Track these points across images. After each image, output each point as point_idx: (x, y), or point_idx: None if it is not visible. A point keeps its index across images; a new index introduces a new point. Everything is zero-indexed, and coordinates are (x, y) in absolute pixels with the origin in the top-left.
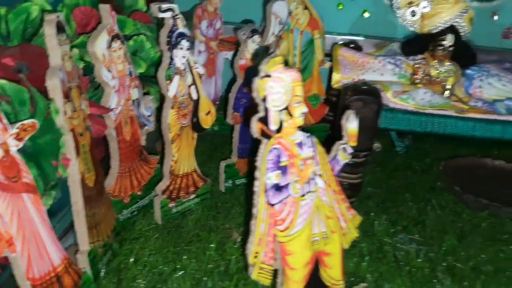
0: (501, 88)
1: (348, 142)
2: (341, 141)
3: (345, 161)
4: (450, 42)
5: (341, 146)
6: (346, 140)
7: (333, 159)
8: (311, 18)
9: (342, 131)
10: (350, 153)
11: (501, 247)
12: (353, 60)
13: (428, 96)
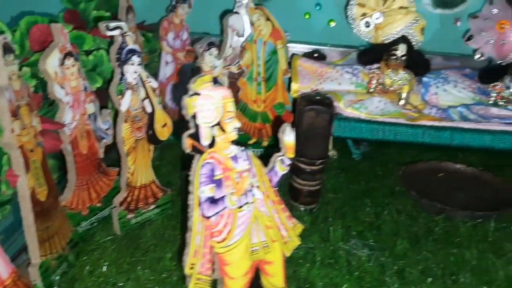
0: (456, 94)
1: (286, 154)
2: (279, 153)
3: (283, 172)
4: (402, 52)
5: (279, 158)
6: (284, 152)
7: (271, 170)
8: (274, 29)
9: (279, 144)
10: (288, 165)
11: (452, 250)
12: (312, 70)
13: (382, 104)
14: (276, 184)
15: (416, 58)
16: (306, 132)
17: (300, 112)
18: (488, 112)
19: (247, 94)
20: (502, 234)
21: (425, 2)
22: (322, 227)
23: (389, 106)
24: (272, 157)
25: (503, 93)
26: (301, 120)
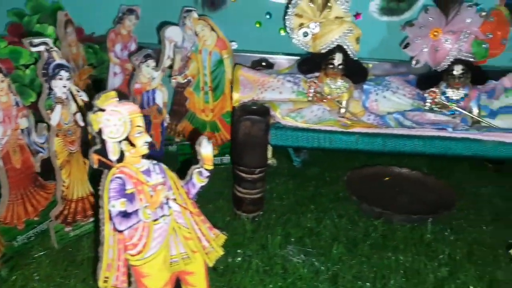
0: (396, 101)
1: (204, 166)
2: (196, 165)
3: (201, 184)
4: (339, 61)
5: (196, 170)
6: (202, 164)
7: (188, 182)
8: (219, 39)
9: (197, 155)
10: (207, 176)
11: (387, 253)
12: (254, 79)
13: (320, 112)
14: (194, 196)
15: (353, 66)
16: (242, 141)
17: (235, 122)
18: (425, 117)
19: (195, 104)
20: (438, 237)
21: (372, 10)
22: (263, 234)
23: (326, 114)
24: (189, 169)
25: (438, 98)
26: (237, 130)
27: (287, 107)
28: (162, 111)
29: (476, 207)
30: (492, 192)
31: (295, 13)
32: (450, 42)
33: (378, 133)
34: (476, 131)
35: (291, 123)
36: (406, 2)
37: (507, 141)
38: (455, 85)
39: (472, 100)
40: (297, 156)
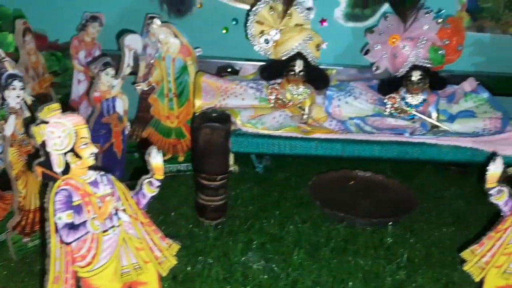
0: (358, 106)
1: (154, 176)
2: (147, 175)
3: (152, 194)
4: (299, 68)
5: (146, 180)
6: (152, 174)
7: (138, 193)
8: (182, 45)
9: (148, 166)
10: (157, 186)
11: (348, 257)
12: (216, 86)
13: (282, 119)
14: (145, 206)
15: (314, 73)
16: (203, 149)
17: (195, 129)
18: (385, 122)
19: (159, 111)
20: (398, 240)
21: (337, 16)
22: (225, 241)
23: (288, 120)
24: (140, 179)
25: (398, 103)
26: (197, 138)
27: (248, 114)
28: (122, 119)
29: (438, 209)
30: (454, 194)
31: (256, 20)
32: (408, 48)
33: (337, 138)
34: (432, 136)
35: (252, 130)
36: (370, 8)
37: (462, 145)
38: (413, 90)
39: (430, 105)
40: (259, 162)
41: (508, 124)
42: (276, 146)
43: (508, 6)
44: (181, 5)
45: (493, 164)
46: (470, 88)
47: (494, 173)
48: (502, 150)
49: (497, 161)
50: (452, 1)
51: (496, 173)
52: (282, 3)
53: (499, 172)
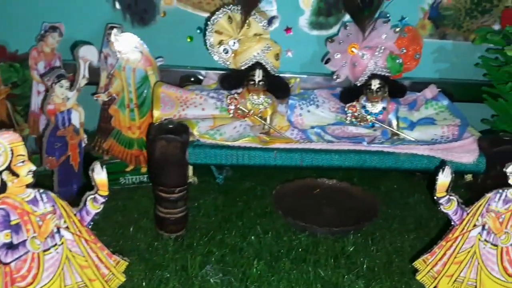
0: (320, 115)
1: (98, 192)
2: (91, 191)
3: (97, 211)
4: (259, 77)
5: (90, 196)
6: (96, 190)
7: (82, 210)
8: (143, 55)
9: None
10: (102, 203)
11: (308, 268)
12: (176, 96)
13: (242, 129)
14: (89, 223)
15: (275, 82)
16: (159, 161)
17: (151, 141)
18: (346, 131)
19: (120, 121)
20: (359, 248)
21: (302, 25)
22: (184, 254)
23: (247, 130)
24: (83, 196)
25: (358, 112)
26: (153, 150)
27: (207, 125)
28: (79, 132)
29: (401, 216)
30: (418, 200)
31: (214, 30)
32: (366, 57)
33: (296, 148)
34: (390, 144)
35: (210, 141)
36: (334, 16)
37: (419, 153)
38: (373, 99)
39: (390, 113)
40: (220, 173)
41: (465, 131)
42: (234, 157)
43: (469, 14)
44: (144, 14)
45: (442, 174)
46: (431, 95)
47: (443, 182)
48: (458, 158)
49: (446, 170)
50: (415, 9)
51: (445, 182)
52: (240, 13)
53: (448, 181)
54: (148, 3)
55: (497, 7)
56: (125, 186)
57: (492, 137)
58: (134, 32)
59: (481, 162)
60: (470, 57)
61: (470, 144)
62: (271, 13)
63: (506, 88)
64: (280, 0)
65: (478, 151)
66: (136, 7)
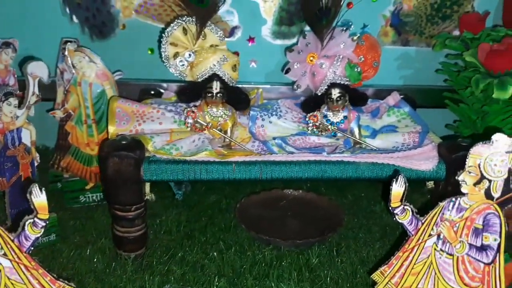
0: (282, 125)
1: (37, 216)
2: (29, 216)
3: (36, 236)
4: (216, 89)
5: (29, 221)
6: (35, 214)
7: (20, 235)
8: (98, 69)
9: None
10: (42, 226)
11: (270, 283)
12: (132, 111)
13: (200, 143)
14: (28, 248)
15: (233, 93)
16: (113, 179)
17: (103, 158)
18: (308, 141)
19: (78, 138)
20: (324, 260)
21: (265, 34)
22: (143, 275)
23: (205, 144)
24: (22, 221)
25: (319, 121)
26: (106, 168)
27: (162, 139)
28: (30, 151)
29: (367, 225)
30: (384, 208)
31: (170, 42)
32: (325, 66)
33: (255, 160)
34: (350, 154)
35: (165, 156)
36: (297, 25)
37: (379, 162)
38: (334, 108)
39: (351, 122)
40: (179, 189)
41: (425, 138)
42: (192, 171)
43: (430, 20)
44: (103, 27)
45: (396, 183)
46: (393, 102)
47: (397, 192)
48: (418, 165)
49: (399, 180)
50: (376, 17)
51: (399, 192)
52: (195, 24)
53: (402, 191)
54: (107, 16)
55: (457, 12)
56: (86, 204)
57: (451, 143)
58: (93, 46)
59: (440, 169)
60: (433, 63)
61: (430, 151)
62: (233, 23)
63: (466, 93)
64: (241, 9)
65: (437, 158)
66: (94, 20)
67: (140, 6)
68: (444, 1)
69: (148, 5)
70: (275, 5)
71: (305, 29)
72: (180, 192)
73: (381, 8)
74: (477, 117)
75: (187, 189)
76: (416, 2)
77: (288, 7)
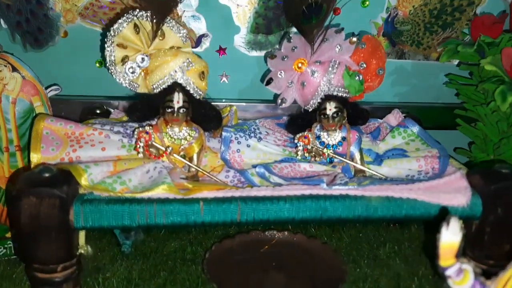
0: (263, 149)
1: None
2: None
3: None
4: (179, 103)
5: None
6: None
7: None
8: (25, 81)
9: None
10: None
11: None
12: (65, 133)
13: (156, 173)
14: None
15: (200, 109)
16: (28, 227)
17: (14, 199)
18: (298, 169)
19: None
20: None
21: (238, 44)
22: None
23: (163, 175)
24: None
25: (311, 144)
26: (17, 212)
27: (103, 170)
28: None
29: (373, 275)
30: (390, 252)
31: (117, 43)
32: (317, 74)
33: (231, 197)
34: (356, 186)
35: (106, 194)
36: (276, 34)
37: (395, 196)
38: (329, 126)
39: (351, 144)
40: (126, 237)
41: (448, 164)
42: (143, 214)
43: (428, 28)
44: (39, 34)
45: (446, 230)
46: (396, 122)
47: (449, 243)
48: (448, 200)
49: (452, 224)
50: (367, 24)
51: (453, 243)
52: (151, 20)
53: (457, 241)
54: (44, 21)
55: (459, 20)
56: (5, 257)
57: (486, 171)
58: (27, 57)
59: (475, 204)
60: (434, 77)
61: (458, 180)
62: (200, 31)
63: (486, 110)
64: (210, 15)
65: (469, 189)
66: (28, 26)
67: (86, 8)
68: (444, 7)
69: (95, 8)
70: (250, 10)
71: (291, 31)
72: (128, 242)
73: (372, 14)
74: (501, 138)
75: (138, 237)
76: (413, 8)
77: (265, 12)
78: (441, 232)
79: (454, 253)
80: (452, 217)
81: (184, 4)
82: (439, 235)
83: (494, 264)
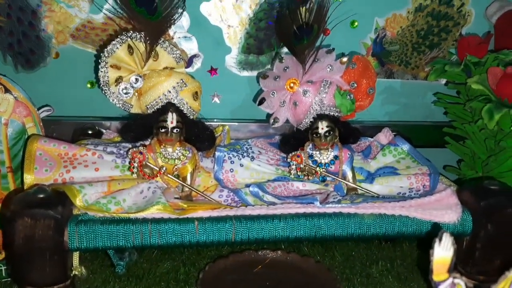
0: (255, 169)
1: None
2: None
3: None
4: (172, 123)
5: None
6: None
7: None
8: (17, 102)
9: None
10: None
11: None
12: (59, 153)
13: (150, 194)
14: None
15: (194, 129)
16: (23, 249)
17: (8, 220)
18: (291, 188)
19: None
20: None
21: (230, 65)
22: None
23: (157, 195)
24: None
25: (304, 163)
26: (12, 234)
27: (98, 190)
28: None
29: None
30: (382, 270)
31: (110, 63)
32: (309, 94)
33: (224, 216)
34: (349, 203)
35: (101, 214)
36: (267, 54)
37: (388, 213)
38: (322, 145)
39: (344, 163)
40: (121, 258)
41: (438, 181)
42: (138, 235)
43: (416, 48)
44: (30, 55)
45: (439, 246)
46: (386, 140)
47: (441, 258)
48: (440, 217)
49: (444, 240)
50: (357, 45)
51: (446, 258)
52: (144, 41)
53: (450, 256)
54: (35, 42)
55: (445, 40)
56: None
57: (476, 187)
58: (18, 78)
59: (466, 220)
60: (422, 96)
61: (449, 197)
62: (191, 51)
63: (473, 128)
64: (202, 36)
65: (460, 206)
66: (19, 47)
67: (77, 30)
68: (431, 28)
69: (87, 29)
70: (241, 31)
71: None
72: (122, 263)
73: (361, 35)
74: (489, 156)
75: (132, 257)
76: (400, 29)
77: (256, 33)
78: (433, 247)
79: (447, 268)
80: (444, 232)
81: (176, 25)
82: (432, 250)
83: (485, 280)
